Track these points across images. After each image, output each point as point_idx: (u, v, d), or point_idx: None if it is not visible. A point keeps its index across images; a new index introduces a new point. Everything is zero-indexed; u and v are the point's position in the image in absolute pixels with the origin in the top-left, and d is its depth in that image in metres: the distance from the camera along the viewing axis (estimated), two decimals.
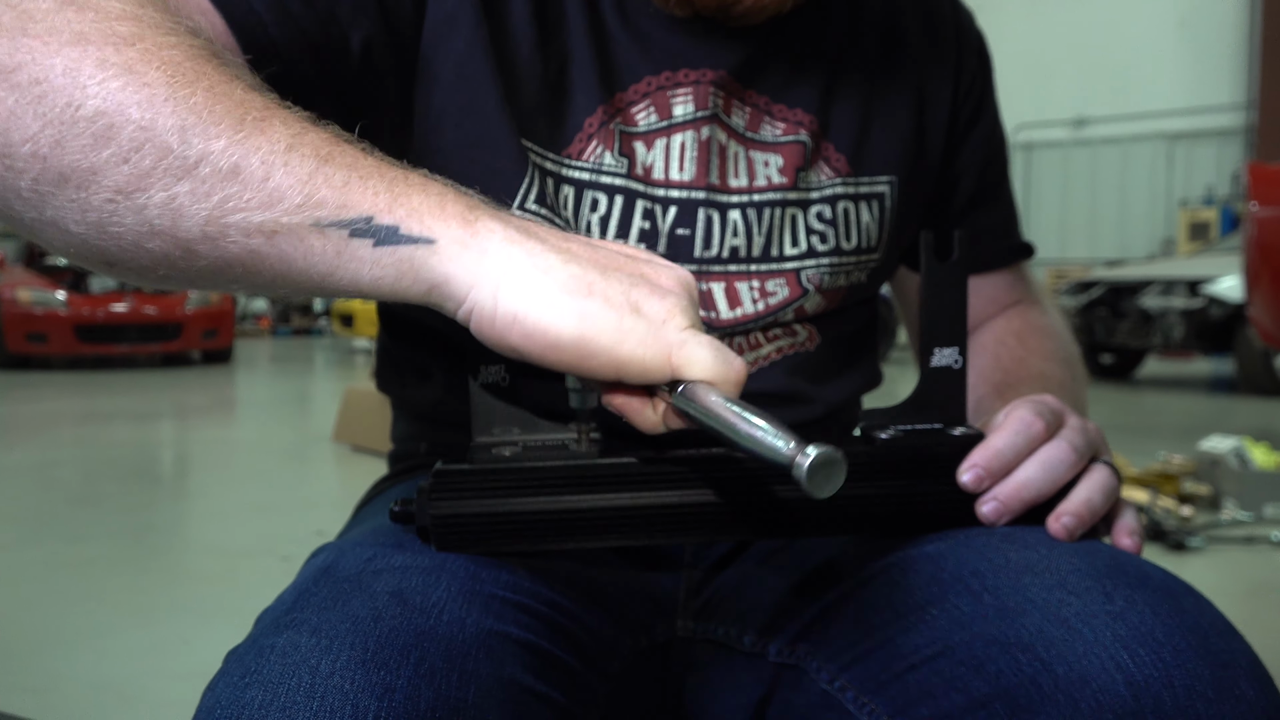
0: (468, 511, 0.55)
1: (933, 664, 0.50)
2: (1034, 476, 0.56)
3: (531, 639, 0.52)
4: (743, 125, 0.71)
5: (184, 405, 6.89)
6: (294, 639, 0.46)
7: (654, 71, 0.69)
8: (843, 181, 0.73)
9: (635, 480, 0.56)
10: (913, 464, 0.58)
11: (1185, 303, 7.06)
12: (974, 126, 0.82)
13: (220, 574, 2.79)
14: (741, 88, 0.71)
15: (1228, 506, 3.36)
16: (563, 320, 0.45)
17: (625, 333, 0.45)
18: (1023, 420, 0.57)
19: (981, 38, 0.84)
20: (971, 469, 0.56)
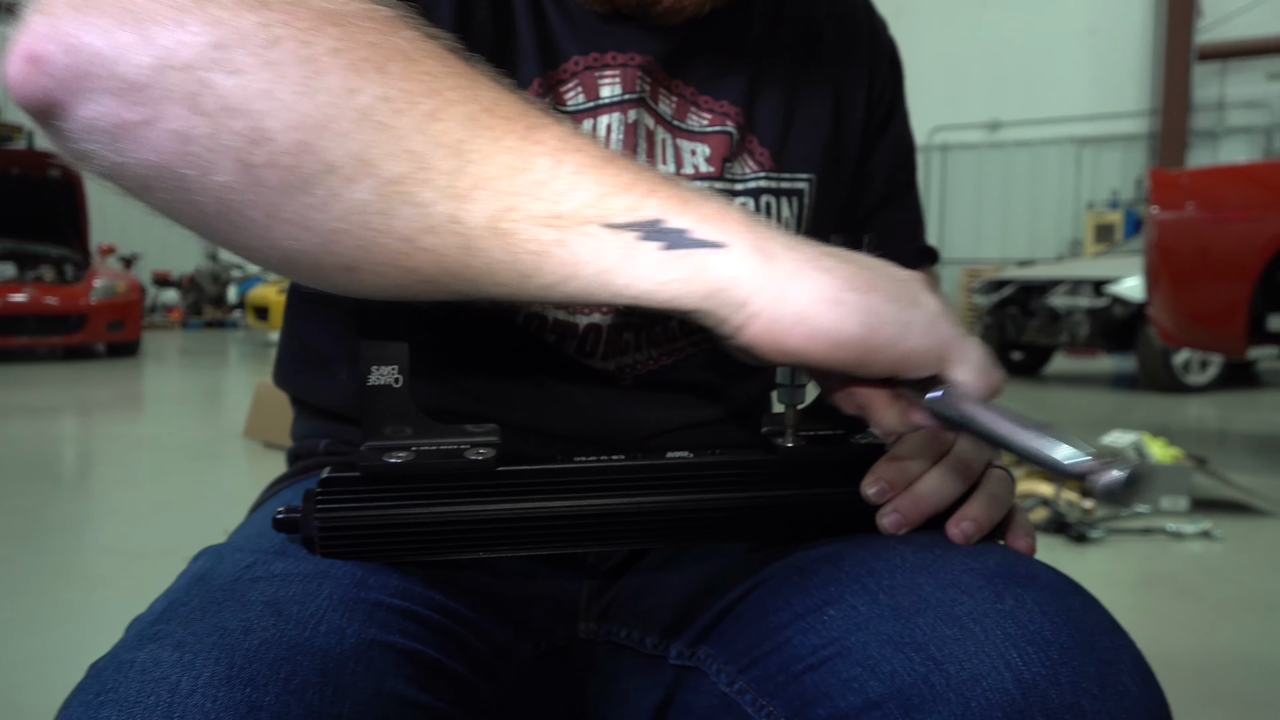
0: (355, 521, 0.53)
1: (830, 665, 0.50)
2: (935, 489, 0.56)
3: (418, 648, 0.50)
4: (670, 113, 0.71)
5: (86, 400, 6.63)
6: (156, 653, 0.43)
7: (582, 51, 0.69)
8: (766, 175, 0.73)
9: (534, 487, 0.54)
10: (814, 472, 0.57)
11: (1091, 302, 7.31)
12: (885, 131, 0.83)
13: (119, 577, 2.69)
14: (669, 76, 0.71)
15: None
16: (849, 318, 0.45)
17: (908, 326, 0.46)
18: (926, 433, 0.58)
19: (894, 45, 0.86)
20: (876, 482, 0.56)
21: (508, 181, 0.44)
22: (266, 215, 0.43)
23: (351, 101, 0.42)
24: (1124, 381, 8.30)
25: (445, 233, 0.44)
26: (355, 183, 0.43)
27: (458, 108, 0.44)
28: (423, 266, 0.45)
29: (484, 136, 0.44)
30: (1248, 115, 13.22)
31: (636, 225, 0.45)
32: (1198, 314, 4.28)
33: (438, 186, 0.43)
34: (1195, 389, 7.23)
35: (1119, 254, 8.35)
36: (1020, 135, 14.09)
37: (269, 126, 0.42)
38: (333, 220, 0.43)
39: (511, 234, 0.44)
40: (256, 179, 0.42)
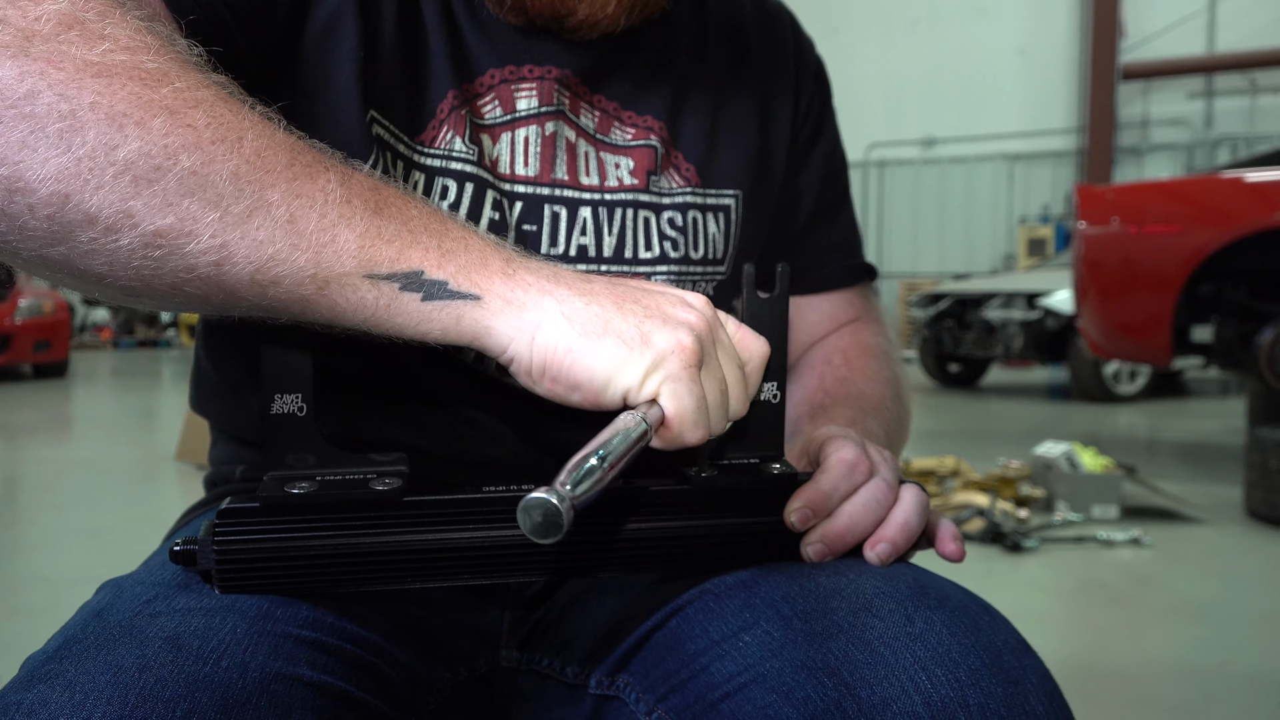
0: (254, 554, 0.51)
1: (746, 692, 0.50)
2: (858, 519, 0.57)
3: (328, 681, 0.49)
4: (592, 127, 0.71)
5: (11, 423, 6.41)
6: (44, 695, 0.42)
7: (498, 64, 0.68)
8: (692, 191, 0.74)
9: (439, 518, 0.53)
10: (728, 501, 0.57)
11: (1024, 315, 7.47)
12: (813, 146, 0.84)
13: (46, 606, 2.61)
14: (589, 91, 0.71)
15: (1060, 508, 3.57)
16: (581, 362, 0.49)
17: (631, 362, 0.50)
18: (846, 463, 0.59)
19: (820, 62, 0.86)
20: (799, 510, 0.57)
21: (269, 232, 0.45)
22: (37, 257, 0.44)
23: (111, 157, 0.42)
24: (1057, 392, 8.49)
25: (211, 282, 0.46)
26: (118, 234, 0.43)
27: (220, 163, 0.44)
28: (196, 301, 0.47)
29: (248, 190, 0.45)
30: (1170, 133, 13.65)
31: (396, 276, 0.48)
32: (1124, 326, 4.39)
33: (201, 240, 0.44)
34: (1125, 399, 7.42)
35: (1050, 268, 8.55)
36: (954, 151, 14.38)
37: (28, 178, 0.42)
38: (99, 265, 0.44)
39: (275, 283, 0.46)
40: (20, 226, 0.43)
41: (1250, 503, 3.57)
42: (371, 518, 0.52)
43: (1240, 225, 4.12)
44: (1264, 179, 4.28)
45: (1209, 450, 5.22)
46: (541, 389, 0.51)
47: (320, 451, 0.54)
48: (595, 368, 0.49)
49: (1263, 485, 3.48)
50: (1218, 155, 13.11)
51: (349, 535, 0.52)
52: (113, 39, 0.44)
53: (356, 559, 0.52)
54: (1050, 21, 13.84)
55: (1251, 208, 4.16)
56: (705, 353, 0.52)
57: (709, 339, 0.53)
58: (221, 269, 0.45)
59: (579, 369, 0.49)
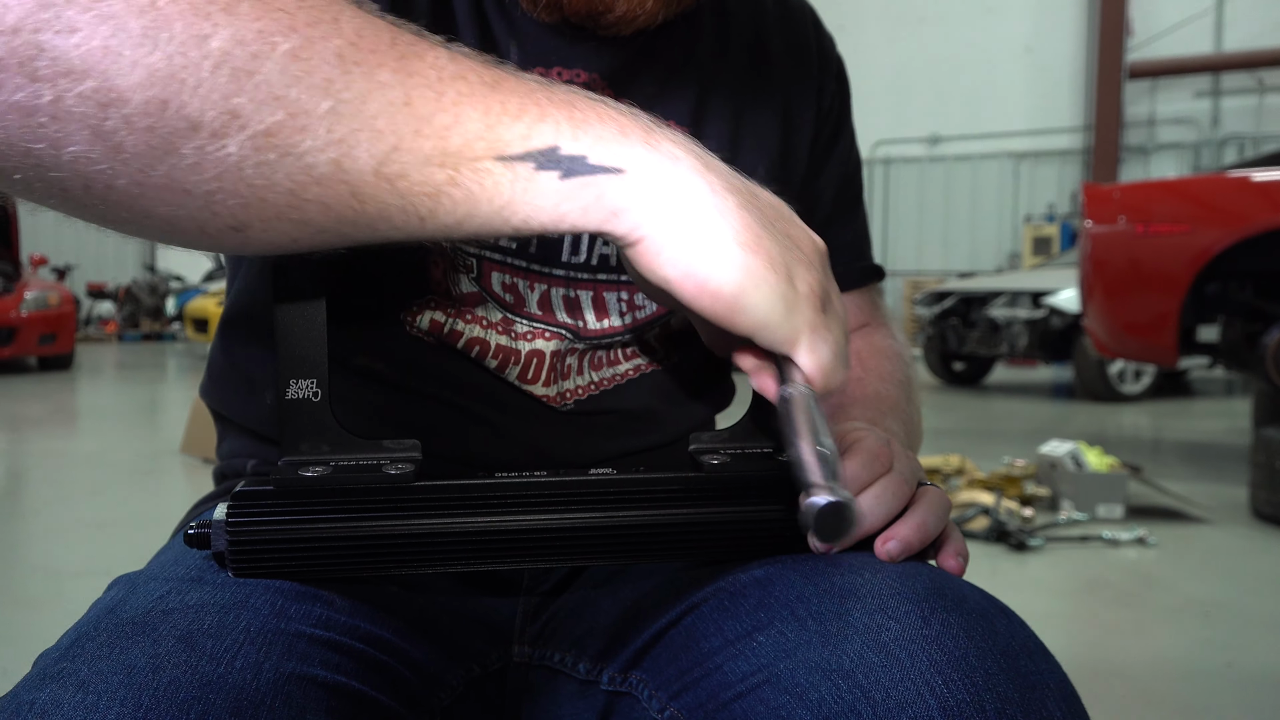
0: (267, 537, 0.52)
1: (758, 692, 0.49)
2: (870, 510, 0.56)
3: (341, 681, 0.49)
4: None
5: (17, 416, 6.43)
6: (57, 695, 0.41)
7: (526, 66, 0.67)
8: None
9: (454, 503, 0.53)
10: (741, 490, 0.57)
11: (1029, 313, 7.46)
12: (832, 148, 0.83)
13: (50, 598, 2.61)
14: (614, 95, 0.70)
15: (1065, 507, 3.56)
16: (727, 272, 0.45)
17: (775, 298, 0.46)
18: (869, 451, 0.58)
19: (841, 62, 0.85)
20: None
21: (388, 120, 0.41)
22: (135, 184, 0.40)
23: (203, 49, 0.38)
24: (1062, 391, 8.47)
25: (331, 182, 0.41)
26: (225, 138, 0.39)
27: (321, 44, 0.40)
28: (313, 218, 0.42)
29: (355, 73, 0.41)
30: (1177, 132, 13.62)
31: (531, 155, 0.43)
32: (1130, 325, 4.38)
33: (315, 134, 0.40)
34: (1130, 398, 7.41)
35: (1056, 266, 8.53)
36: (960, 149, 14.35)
37: (118, 86, 0.38)
38: (208, 181, 0.40)
39: (400, 177, 0.42)
40: (115, 146, 0.39)
41: (1255, 503, 3.56)
42: (385, 502, 0.52)
43: (1247, 225, 4.11)
44: (1271, 178, 4.26)
45: (1214, 450, 5.21)
46: (660, 274, 0.45)
47: (335, 437, 0.54)
48: (740, 284, 0.45)
49: (1268, 486, 3.48)
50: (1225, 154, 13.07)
51: (362, 519, 0.52)
52: None
53: (369, 543, 0.52)
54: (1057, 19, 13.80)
55: (1258, 207, 4.15)
56: (828, 298, 0.50)
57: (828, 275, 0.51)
58: (342, 165, 0.41)
59: (726, 279, 0.45)
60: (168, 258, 17.21)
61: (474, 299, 0.66)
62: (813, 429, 0.45)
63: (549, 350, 0.68)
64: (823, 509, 0.42)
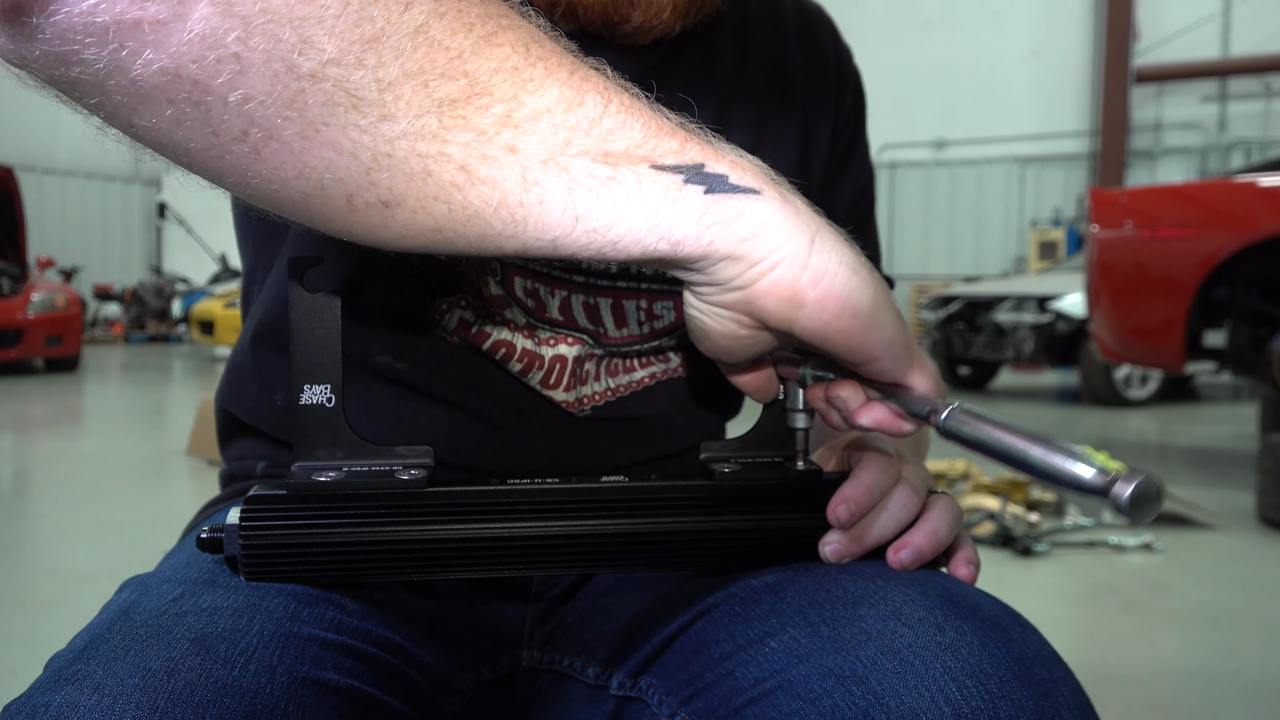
0: (280, 541, 0.52)
1: (771, 698, 0.49)
2: (883, 521, 0.56)
3: (354, 685, 0.49)
4: None
5: (23, 417, 6.44)
6: (72, 697, 0.42)
7: None
8: None
9: (466, 509, 0.53)
10: (752, 498, 0.57)
11: (1035, 318, 7.45)
12: (848, 161, 0.83)
13: (57, 600, 2.62)
14: None
15: (1070, 512, 3.55)
16: (866, 288, 0.46)
17: (898, 321, 0.48)
18: (884, 460, 0.58)
19: (859, 75, 0.85)
20: (845, 503, 0.55)
21: (563, 114, 0.42)
22: (302, 136, 0.39)
23: (405, 16, 0.39)
24: (1068, 396, 8.46)
25: (503, 163, 0.41)
26: (410, 103, 0.39)
27: (511, 33, 0.42)
28: (473, 202, 0.41)
29: (538, 66, 0.42)
30: (1183, 136, 13.60)
31: (682, 169, 0.45)
32: (1137, 330, 4.37)
33: (495, 113, 0.41)
34: (1136, 403, 7.39)
35: (1062, 271, 8.52)
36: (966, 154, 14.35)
37: (314, 35, 0.37)
38: (381, 144, 0.39)
39: (568, 169, 0.42)
40: (296, 93, 0.37)
41: (1262, 509, 3.55)
42: (397, 508, 0.53)
43: (1254, 230, 4.10)
44: (1278, 183, 4.25)
45: (1221, 456, 5.19)
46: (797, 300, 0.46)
47: (348, 442, 0.55)
48: (875, 302, 0.47)
49: (1275, 491, 3.46)
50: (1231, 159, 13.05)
51: (374, 525, 0.52)
52: None
53: (381, 548, 0.52)
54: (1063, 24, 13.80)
55: (1266, 212, 4.14)
56: None
57: None
58: (515, 149, 0.41)
59: (863, 296, 0.46)
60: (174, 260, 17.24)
61: (501, 302, 0.66)
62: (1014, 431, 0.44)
63: (571, 355, 0.68)
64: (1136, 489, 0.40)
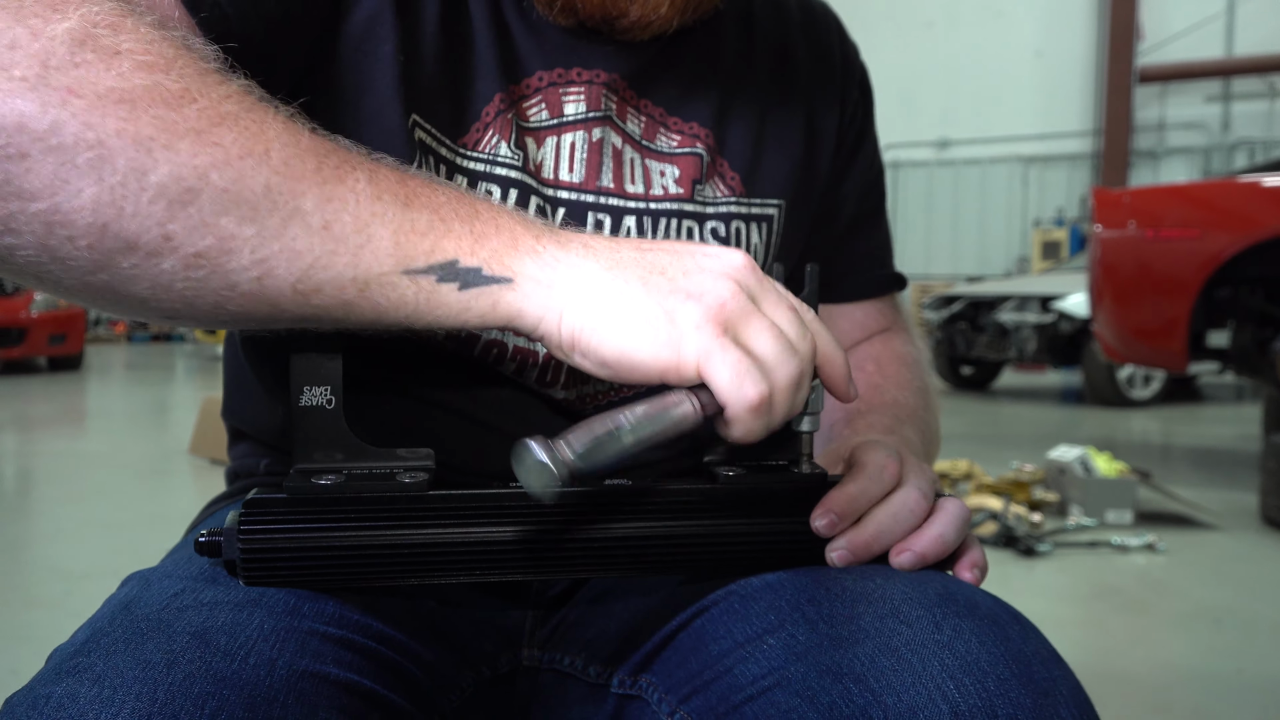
0: (279, 545, 0.52)
1: (769, 695, 0.49)
2: (886, 528, 0.56)
3: (353, 679, 0.49)
4: (639, 133, 0.70)
5: (27, 416, 6.45)
6: (73, 688, 0.42)
7: (547, 67, 0.67)
8: (736, 200, 0.72)
9: (467, 513, 0.53)
10: (756, 502, 0.57)
11: (1038, 318, 7.43)
12: (855, 156, 0.83)
13: (60, 598, 2.62)
14: (636, 95, 0.70)
15: (1073, 512, 3.55)
16: (607, 340, 0.48)
17: (659, 344, 0.48)
18: (876, 465, 0.58)
19: (865, 71, 0.85)
20: (825, 514, 0.56)
21: (306, 242, 0.45)
22: (80, 284, 0.45)
23: (143, 182, 0.42)
24: (1070, 396, 8.44)
25: (252, 298, 0.46)
26: (159, 257, 0.44)
27: (251, 177, 0.44)
28: (240, 318, 0.47)
29: (279, 202, 0.45)
30: (1187, 136, 13.57)
31: (433, 269, 0.48)
32: (1140, 330, 4.36)
33: (241, 256, 0.45)
34: (1139, 403, 7.38)
35: (1065, 271, 8.50)
36: (969, 153, 14.33)
37: (64, 210, 0.42)
38: (142, 290, 0.45)
39: (316, 292, 0.46)
40: (62, 258, 0.43)
41: (1265, 509, 3.55)
42: (397, 512, 0.52)
43: (1258, 230, 4.09)
44: None
45: (1224, 456, 5.19)
46: (574, 363, 0.50)
47: (348, 445, 0.55)
48: (622, 348, 0.48)
49: (1278, 492, 3.46)
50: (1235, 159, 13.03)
51: (374, 529, 0.52)
52: (129, 55, 0.43)
53: (381, 552, 0.52)
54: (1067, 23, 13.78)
55: (1269, 212, 4.13)
56: (736, 314, 0.49)
57: (739, 299, 0.50)
58: (263, 283, 0.45)
59: (605, 348, 0.49)
60: None
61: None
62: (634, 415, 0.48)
63: None
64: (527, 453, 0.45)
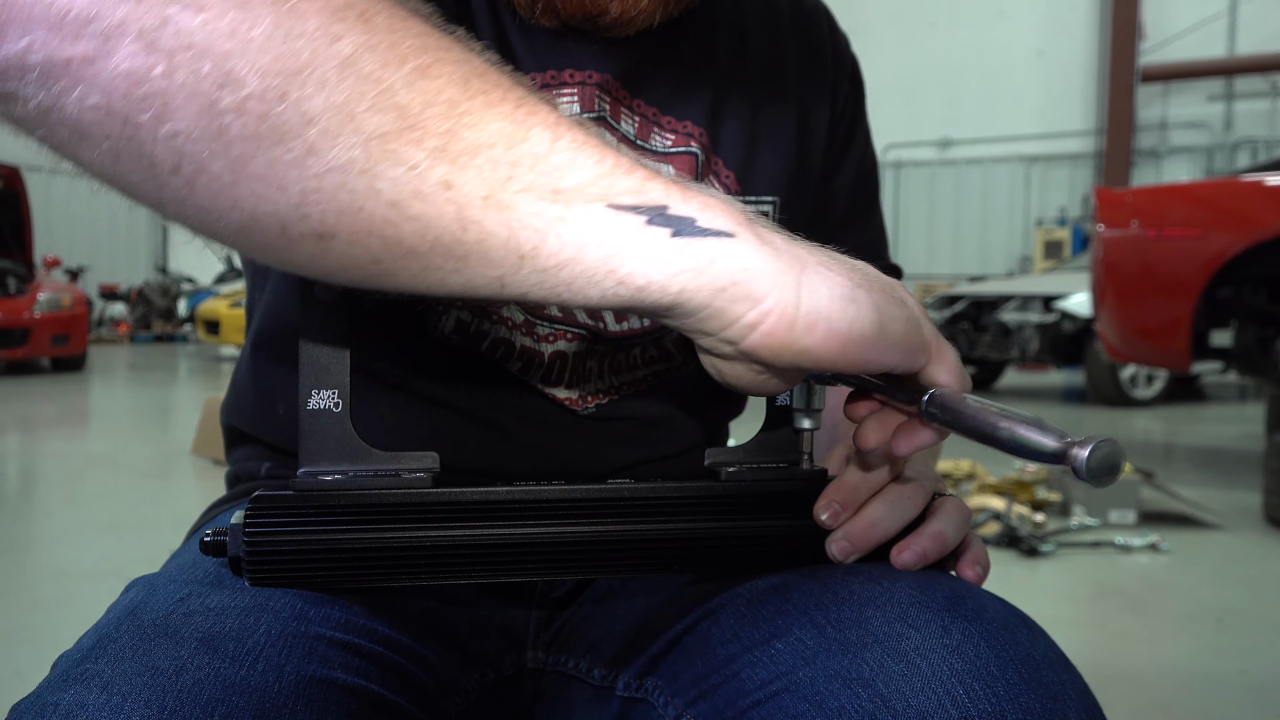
0: (285, 544, 0.52)
1: (777, 700, 0.49)
2: (883, 516, 0.56)
3: (361, 684, 0.49)
4: (633, 133, 0.70)
5: (29, 417, 6.46)
6: (81, 696, 0.42)
7: (539, 69, 0.68)
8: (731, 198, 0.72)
9: (471, 514, 0.53)
10: (759, 500, 0.57)
11: (1040, 317, 7.43)
12: (847, 150, 0.83)
13: (62, 599, 2.62)
14: (629, 95, 0.70)
15: (1076, 513, 3.55)
16: (863, 316, 0.43)
17: (906, 322, 0.46)
18: (874, 458, 0.58)
19: (855, 62, 0.85)
20: (828, 506, 0.56)
21: (504, 149, 0.40)
22: (231, 170, 0.38)
23: (333, 48, 0.37)
24: (1073, 395, 8.44)
25: (437, 200, 0.39)
26: (337, 136, 0.38)
27: (449, 66, 0.40)
28: (407, 238, 0.40)
29: (478, 100, 0.40)
30: (1189, 135, 13.56)
31: (642, 209, 0.41)
32: (1143, 330, 4.36)
33: (429, 147, 0.39)
34: (1142, 403, 7.37)
35: (1067, 270, 8.49)
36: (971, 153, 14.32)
37: (237, 69, 0.37)
38: (309, 178, 0.38)
39: (510, 206, 0.40)
40: (221, 127, 0.37)
41: (1269, 509, 3.54)
42: (402, 512, 0.53)
43: (1261, 229, 4.09)
44: None
45: (1227, 456, 5.18)
46: (798, 347, 0.43)
47: (354, 447, 0.55)
48: (882, 321, 0.44)
49: None
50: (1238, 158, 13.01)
51: (379, 529, 0.52)
52: None
53: (385, 553, 0.52)
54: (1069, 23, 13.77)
55: (1272, 211, 4.13)
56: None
57: None
58: (451, 185, 0.39)
59: (865, 321, 0.43)
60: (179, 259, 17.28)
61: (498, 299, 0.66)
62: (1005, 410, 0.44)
63: (571, 352, 0.68)
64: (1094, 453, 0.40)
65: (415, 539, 0.53)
